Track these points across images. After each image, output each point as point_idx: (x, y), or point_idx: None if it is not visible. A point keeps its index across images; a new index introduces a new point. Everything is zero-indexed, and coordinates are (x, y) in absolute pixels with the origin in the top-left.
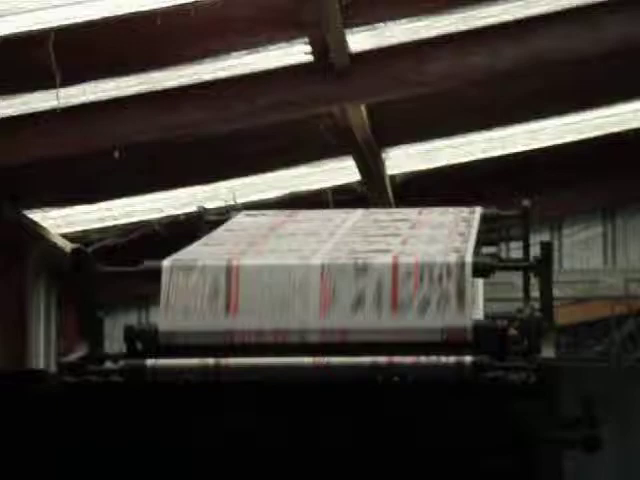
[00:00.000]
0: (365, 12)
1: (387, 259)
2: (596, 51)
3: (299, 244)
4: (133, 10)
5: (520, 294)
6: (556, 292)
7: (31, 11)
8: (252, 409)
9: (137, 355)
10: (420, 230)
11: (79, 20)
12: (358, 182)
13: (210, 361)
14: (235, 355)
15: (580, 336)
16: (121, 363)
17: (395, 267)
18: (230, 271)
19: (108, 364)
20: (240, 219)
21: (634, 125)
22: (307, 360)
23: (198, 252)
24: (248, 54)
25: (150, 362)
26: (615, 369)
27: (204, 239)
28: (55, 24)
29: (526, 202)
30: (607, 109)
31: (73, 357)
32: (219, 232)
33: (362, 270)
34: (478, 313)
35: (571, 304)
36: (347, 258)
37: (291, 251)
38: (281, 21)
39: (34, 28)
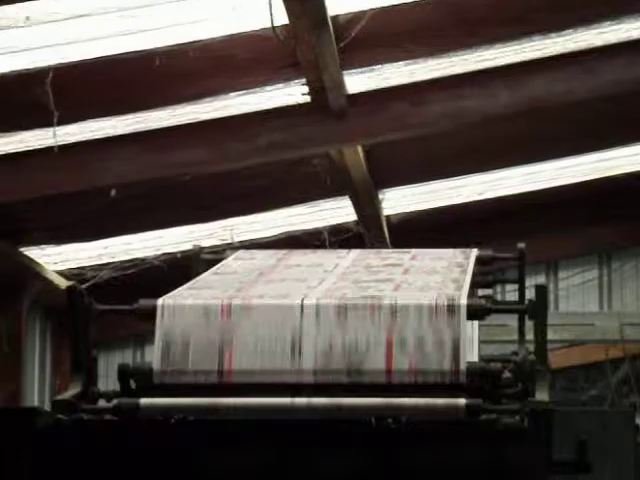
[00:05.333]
0: (362, 54)
1: (382, 302)
2: (591, 95)
3: (288, 290)
4: (131, 49)
5: (516, 336)
6: (551, 335)
7: (29, 49)
8: (245, 448)
9: (131, 394)
10: (413, 276)
11: (77, 59)
12: (354, 222)
13: (204, 400)
14: (228, 395)
15: (575, 379)
16: (114, 401)
17: (390, 310)
18: (224, 310)
19: (102, 402)
20: (230, 262)
21: (630, 169)
22: (300, 401)
23: (193, 291)
24: (245, 94)
25: (144, 401)
26: (610, 413)
27: (193, 281)
28: (53, 63)
29: (521, 245)
30: (603, 153)
31: (67, 395)
32: (208, 275)
33: (355, 313)
34: (473, 355)
35: (566, 347)
36: (339, 301)
37: (280, 297)
38: (278, 62)
39: (32, 66)
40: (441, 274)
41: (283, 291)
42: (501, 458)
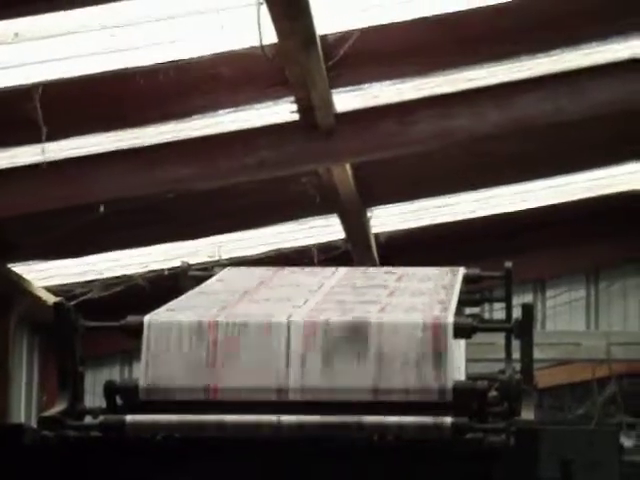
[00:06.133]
0: (350, 72)
1: (368, 320)
2: (580, 115)
3: (273, 310)
4: (120, 67)
5: (503, 354)
6: (538, 354)
7: (19, 66)
8: (231, 465)
9: (117, 410)
10: (399, 298)
11: (66, 76)
12: (343, 240)
13: (190, 417)
14: (215, 412)
15: (562, 398)
16: (101, 418)
17: (377, 328)
18: (210, 327)
19: (88, 419)
20: (214, 282)
21: (619, 189)
22: (287, 418)
23: (181, 307)
24: (234, 112)
25: (130, 418)
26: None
27: (177, 301)
28: (42, 79)
29: (508, 263)
30: (592, 172)
31: (53, 411)
32: (193, 294)
33: (341, 331)
34: (460, 373)
35: (553, 366)
36: (326, 319)
37: (267, 315)
38: (267, 80)
39: (21, 82)
40: (427, 295)
41: (268, 311)
42: (487, 477)
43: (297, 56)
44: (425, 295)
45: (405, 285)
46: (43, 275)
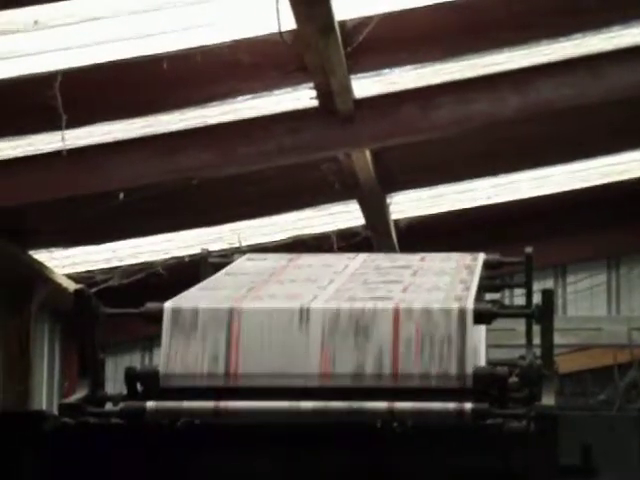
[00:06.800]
0: (370, 58)
1: (388, 305)
2: (600, 99)
3: (299, 290)
4: (139, 54)
5: (524, 341)
6: (559, 339)
7: (38, 53)
8: (251, 452)
9: (137, 397)
10: (422, 278)
11: (86, 63)
12: (362, 226)
13: (210, 404)
14: (235, 398)
15: (583, 384)
16: (121, 405)
17: (397, 313)
18: (231, 314)
19: (108, 406)
20: (243, 262)
21: (639, 173)
22: (307, 404)
23: (200, 295)
24: (253, 98)
25: (150, 404)
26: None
27: (206, 282)
28: (62, 67)
29: (529, 249)
30: (612, 157)
31: (73, 398)
32: (221, 275)
33: (362, 316)
34: (480, 360)
35: (574, 351)
36: (347, 305)
37: (290, 297)
38: (286, 66)
39: (41, 70)
40: (450, 275)
41: (294, 291)
42: (507, 462)
43: (316, 42)
44: (447, 275)
45: (428, 265)
46: (64, 262)
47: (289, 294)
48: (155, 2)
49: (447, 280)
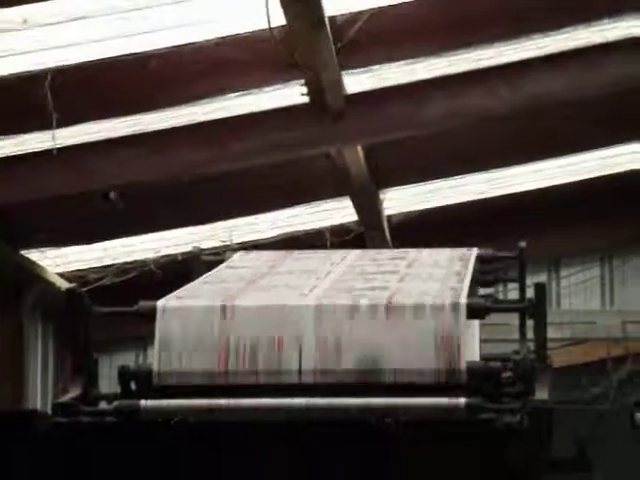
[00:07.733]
0: (360, 54)
1: (382, 300)
2: (593, 92)
3: (296, 282)
4: (128, 52)
5: (517, 335)
6: (553, 333)
7: (27, 52)
8: (245, 449)
9: (131, 396)
10: (417, 269)
11: (75, 62)
12: (355, 222)
13: (204, 402)
14: (228, 396)
15: (577, 377)
16: (115, 403)
17: (391, 308)
18: (224, 312)
19: (102, 404)
20: (236, 259)
21: (633, 167)
22: (300, 401)
23: (193, 292)
24: (243, 95)
25: (143, 403)
26: (611, 412)
27: (200, 279)
28: (51, 65)
29: (522, 243)
30: (605, 151)
31: (67, 397)
32: (214, 272)
33: (356, 310)
34: (474, 354)
35: (568, 345)
36: (343, 297)
37: (288, 288)
38: (276, 63)
39: (30, 69)
40: (441, 275)
41: (291, 283)
42: (500, 456)
43: (306, 38)
44: (442, 266)
45: (423, 256)
46: (57, 262)
47: (286, 285)
48: (144, 0)
49: (442, 271)
